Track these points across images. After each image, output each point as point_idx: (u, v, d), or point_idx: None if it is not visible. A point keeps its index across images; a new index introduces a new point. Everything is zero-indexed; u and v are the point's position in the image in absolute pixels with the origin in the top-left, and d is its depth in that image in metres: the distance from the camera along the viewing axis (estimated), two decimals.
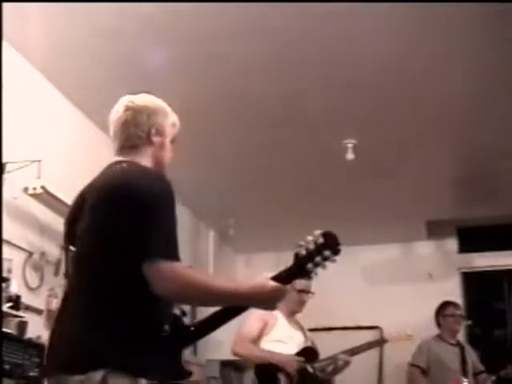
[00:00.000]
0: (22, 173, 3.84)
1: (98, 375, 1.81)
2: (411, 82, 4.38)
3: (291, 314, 4.54)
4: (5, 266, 3.64)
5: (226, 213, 6.60)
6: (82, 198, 2.09)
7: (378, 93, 4.51)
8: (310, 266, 2.04)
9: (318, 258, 2.03)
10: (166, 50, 4.01)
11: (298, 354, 4.35)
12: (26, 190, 3.91)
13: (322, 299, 7.33)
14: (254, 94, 4.53)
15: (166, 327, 1.99)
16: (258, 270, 7.33)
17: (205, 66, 4.20)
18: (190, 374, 2.13)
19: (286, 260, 2.07)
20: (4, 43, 3.77)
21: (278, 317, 4.40)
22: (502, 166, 5.57)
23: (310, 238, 2.05)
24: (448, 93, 4.49)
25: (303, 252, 2.04)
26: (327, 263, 2.05)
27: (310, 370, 4.35)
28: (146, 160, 2.16)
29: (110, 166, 2.12)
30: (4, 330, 3.43)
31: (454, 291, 7.01)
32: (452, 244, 7.37)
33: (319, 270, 2.06)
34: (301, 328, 4.61)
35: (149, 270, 1.87)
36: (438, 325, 5.60)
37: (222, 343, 6.83)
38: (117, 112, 2.21)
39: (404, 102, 4.63)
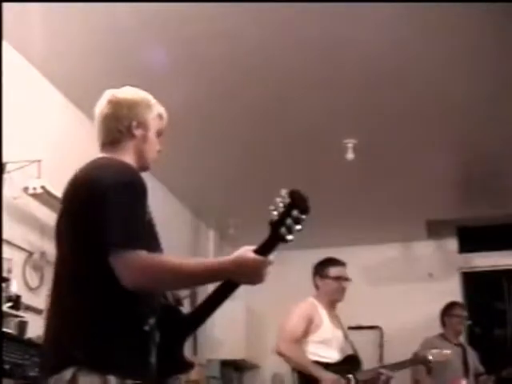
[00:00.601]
0: (22, 173, 3.84)
1: (68, 373, 1.78)
2: (411, 82, 4.38)
3: (332, 304, 4.42)
4: (5, 266, 3.64)
5: (225, 213, 6.60)
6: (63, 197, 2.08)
7: (378, 93, 4.51)
8: (283, 230, 1.92)
9: (288, 221, 1.92)
10: (166, 50, 4.01)
11: (342, 362, 4.23)
12: (26, 189, 3.91)
13: None
14: (254, 94, 4.53)
15: (151, 321, 1.93)
16: None
17: (204, 66, 4.20)
18: (190, 366, 2.09)
19: (287, 259, 2.03)
20: (4, 43, 3.77)
21: (321, 314, 4.28)
22: (502, 166, 5.57)
23: (278, 199, 1.95)
24: (448, 93, 4.49)
25: (275, 217, 1.93)
26: (299, 226, 1.93)
27: None
28: (126, 156, 2.10)
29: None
30: (4, 329, 3.43)
31: (454, 291, 7.01)
32: (452, 244, 7.37)
33: (296, 233, 1.95)
34: (339, 323, 4.48)
35: (113, 261, 1.82)
36: (443, 324, 5.61)
37: (221, 343, 6.85)
38: (100, 107, 2.16)
39: (404, 102, 4.63)
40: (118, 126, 2.12)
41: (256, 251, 1.94)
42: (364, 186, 5.99)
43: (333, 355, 4.20)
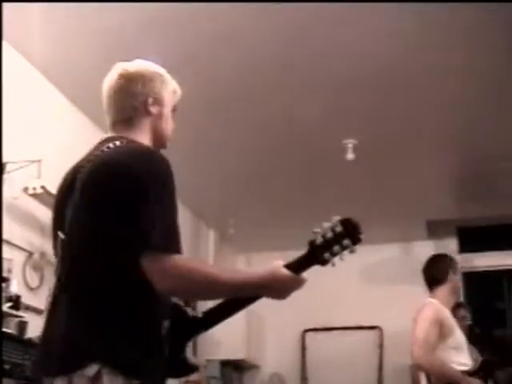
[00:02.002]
0: (22, 173, 3.84)
1: (92, 370, 1.67)
2: (411, 82, 4.38)
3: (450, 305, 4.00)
4: (5, 266, 3.65)
5: (226, 213, 6.60)
6: (70, 179, 1.89)
7: (377, 93, 4.51)
8: (326, 255, 1.87)
9: (336, 247, 1.86)
10: (166, 50, 4.01)
11: (479, 369, 3.85)
12: (26, 189, 3.91)
13: (322, 299, 7.38)
14: (254, 95, 4.54)
15: (166, 323, 1.86)
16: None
17: (205, 67, 4.20)
18: (194, 369, 2.02)
19: (287, 260, 1.97)
20: (4, 43, 3.77)
21: (450, 317, 3.85)
22: (501, 166, 5.57)
23: (327, 224, 1.89)
24: (448, 93, 4.49)
25: (319, 240, 1.87)
26: (346, 252, 1.88)
27: None
28: (143, 135, 1.95)
29: (102, 143, 1.90)
30: (4, 330, 3.43)
31: None
32: (452, 244, 7.36)
33: (337, 260, 1.90)
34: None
35: (148, 264, 1.70)
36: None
37: (221, 343, 6.85)
38: (109, 81, 2.02)
39: (404, 102, 4.63)
40: (134, 103, 1.96)
41: (289, 267, 1.87)
42: (364, 186, 5.99)
43: (467, 362, 3.81)
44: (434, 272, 3.96)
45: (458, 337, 3.83)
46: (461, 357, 3.76)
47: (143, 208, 1.72)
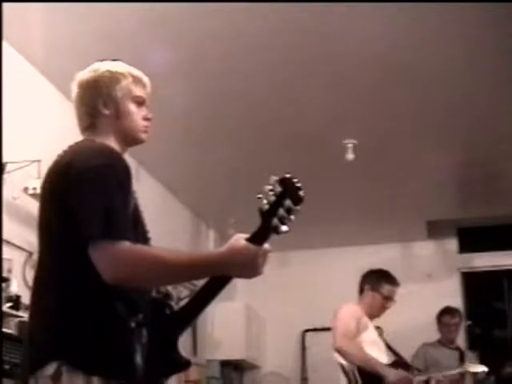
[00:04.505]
0: (22, 173, 3.83)
1: (51, 368, 1.69)
2: (411, 82, 4.38)
3: (370, 318, 4.31)
4: (5, 266, 3.64)
5: (226, 213, 6.60)
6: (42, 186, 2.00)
7: (378, 93, 4.51)
8: (275, 221, 1.78)
9: (281, 211, 1.77)
10: (167, 51, 4.01)
11: (392, 364, 4.10)
12: (25, 190, 3.90)
13: (322, 299, 7.37)
14: (254, 95, 4.54)
15: (136, 318, 1.81)
16: None
17: (204, 65, 4.20)
18: (187, 365, 1.98)
19: (287, 260, 1.94)
20: (4, 43, 3.77)
21: (366, 318, 4.22)
22: (502, 166, 5.57)
23: (267, 187, 1.79)
24: (448, 93, 4.49)
25: (266, 206, 1.78)
26: (293, 217, 1.78)
27: None
28: (107, 137, 1.97)
29: None
30: (4, 330, 3.43)
31: (454, 291, 7.02)
32: (452, 244, 7.37)
33: (286, 226, 1.79)
34: (380, 334, 4.38)
35: (93, 254, 1.69)
36: (439, 329, 5.61)
37: (221, 343, 6.86)
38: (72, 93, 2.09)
39: (405, 102, 4.63)
40: (87, 109, 2.05)
41: (248, 240, 1.81)
42: (364, 186, 5.99)
43: (383, 358, 4.08)
44: (360, 282, 4.55)
45: (373, 335, 4.15)
46: (379, 353, 4.05)
47: (82, 199, 1.74)
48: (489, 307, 7.46)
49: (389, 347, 4.31)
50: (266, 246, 1.83)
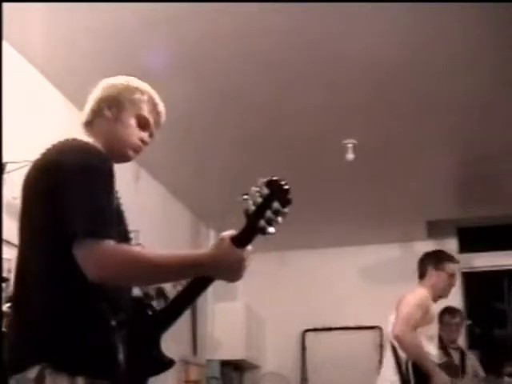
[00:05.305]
0: (22, 173, 3.82)
1: (33, 371, 1.67)
2: (411, 82, 4.38)
3: (435, 300, 4.33)
4: (5, 266, 3.64)
5: (226, 213, 6.59)
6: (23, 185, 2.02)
7: (378, 93, 4.51)
8: (262, 223, 1.79)
9: (268, 213, 1.78)
10: (167, 51, 4.01)
11: (441, 365, 4.14)
12: (21, 194, 3.89)
13: (322, 299, 7.38)
14: (254, 94, 4.53)
15: (117, 317, 1.80)
16: (257, 270, 7.36)
17: (204, 65, 4.20)
18: (170, 364, 1.97)
19: (287, 260, 1.94)
20: (4, 43, 3.76)
21: (433, 308, 4.20)
22: (501, 166, 5.57)
23: (254, 188, 1.81)
24: (448, 93, 4.49)
25: (252, 208, 1.80)
26: (280, 219, 1.80)
27: None
28: (97, 137, 2.01)
29: None
30: (4, 330, 3.43)
31: (454, 291, 6.98)
32: (452, 244, 7.37)
33: (273, 228, 1.81)
34: None
35: (77, 253, 1.70)
36: (440, 329, 5.60)
37: (221, 343, 6.86)
38: None
39: (404, 102, 4.63)
40: (92, 107, 2.08)
41: (233, 240, 1.81)
42: (364, 186, 5.99)
43: (436, 354, 4.12)
44: (419, 266, 4.52)
45: (434, 328, 4.16)
46: (432, 348, 4.06)
47: (64, 198, 1.76)
48: (489, 307, 7.46)
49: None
50: (249, 247, 1.84)
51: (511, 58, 4.06)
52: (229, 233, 1.84)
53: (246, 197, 1.81)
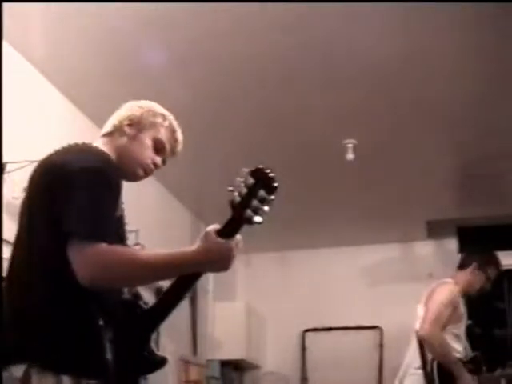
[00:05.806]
0: (22, 173, 3.83)
1: (19, 370, 1.68)
2: (411, 81, 4.38)
3: (464, 295, 4.31)
4: (5, 266, 3.64)
5: (226, 213, 6.59)
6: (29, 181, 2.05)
7: (378, 93, 4.51)
8: (248, 212, 1.81)
9: (254, 202, 1.80)
10: (166, 50, 4.01)
11: (469, 360, 4.14)
12: (26, 190, 3.90)
13: (322, 299, 7.38)
14: (254, 94, 4.54)
15: (104, 316, 1.80)
16: (258, 270, 7.36)
17: (204, 65, 4.20)
18: (162, 363, 1.97)
19: (287, 259, 1.94)
20: (4, 43, 3.77)
21: (462, 305, 4.16)
22: (501, 166, 5.57)
23: (239, 179, 1.84)
24: (448, 93, 4.49)
25: (237, 198, 1.82)
26: (267, 207, 1.81)
27: None
28: (107, 146, 2.05)
29: None
30: None
31: None
32: (452, 244, 7.36)
33: (259, 217, 1.82)
34: None
35: (71, 254, 1.71)
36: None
37: (221, 343, 6.86)
38: None
39: (404, 101, 4.63)
40: (114, 122, 2.13)
41: (219, 233, 1.84)
42: (364, 186, 5.99)
43: (462, 352, 4.10)
44: (464, 257, 4.38)
45: (462, 327, 4.12)
46: (459, 347, 4.06)
47: (68, 197, 1.76)
48: (489, 307, 7.45)
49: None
50: (238, 236, 1.87)
51: (511, 58, 4.06)
52: (213, 226, 1.88)
53: (231, 188, 1.82)
